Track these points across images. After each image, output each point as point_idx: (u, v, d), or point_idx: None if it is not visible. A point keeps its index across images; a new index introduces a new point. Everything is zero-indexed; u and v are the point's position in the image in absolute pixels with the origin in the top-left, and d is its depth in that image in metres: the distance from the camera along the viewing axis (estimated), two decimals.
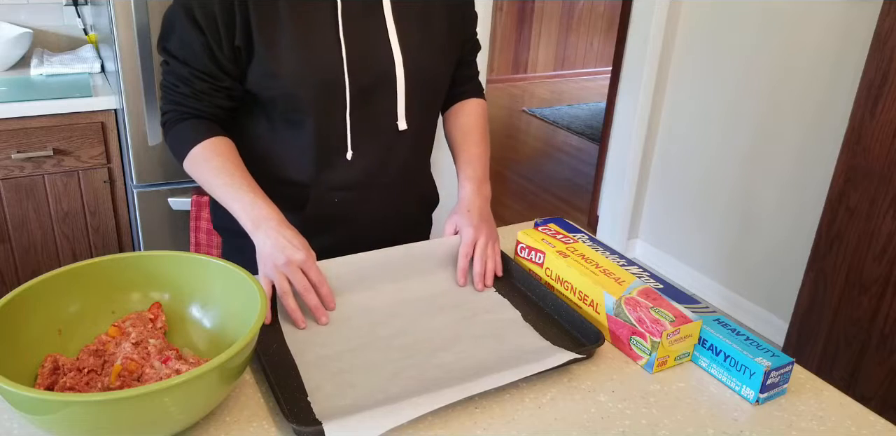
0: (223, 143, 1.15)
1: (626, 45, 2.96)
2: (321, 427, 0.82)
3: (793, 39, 2.43)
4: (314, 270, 1.05)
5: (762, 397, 0.94)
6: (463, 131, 1.33)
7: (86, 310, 0.95)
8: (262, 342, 0.99)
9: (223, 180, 1.11)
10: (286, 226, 1.07)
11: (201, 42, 1.10)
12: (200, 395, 0.79)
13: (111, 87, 2.06)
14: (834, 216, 1.97)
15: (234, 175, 1.11)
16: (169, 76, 1.15)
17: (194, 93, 1.14)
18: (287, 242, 1.05)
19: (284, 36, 1.10)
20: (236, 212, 1.10)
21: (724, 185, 2.76)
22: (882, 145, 1.82)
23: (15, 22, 2.33)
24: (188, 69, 1.12)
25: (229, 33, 1.09)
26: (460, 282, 1.17)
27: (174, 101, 1.16)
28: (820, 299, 2.05)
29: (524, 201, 3.84)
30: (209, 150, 1.13)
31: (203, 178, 1.14)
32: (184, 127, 1.15)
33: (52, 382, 0.85)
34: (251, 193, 1.09)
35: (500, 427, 0.88)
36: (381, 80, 1.16)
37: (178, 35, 1.11)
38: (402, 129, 1.21)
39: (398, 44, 1.16)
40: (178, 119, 1.16)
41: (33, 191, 2.03)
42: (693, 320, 0.99)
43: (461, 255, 1.18)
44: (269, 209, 1.08)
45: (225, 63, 1.12)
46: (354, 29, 1.13)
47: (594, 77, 6.35)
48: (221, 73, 1.13)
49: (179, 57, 1.12)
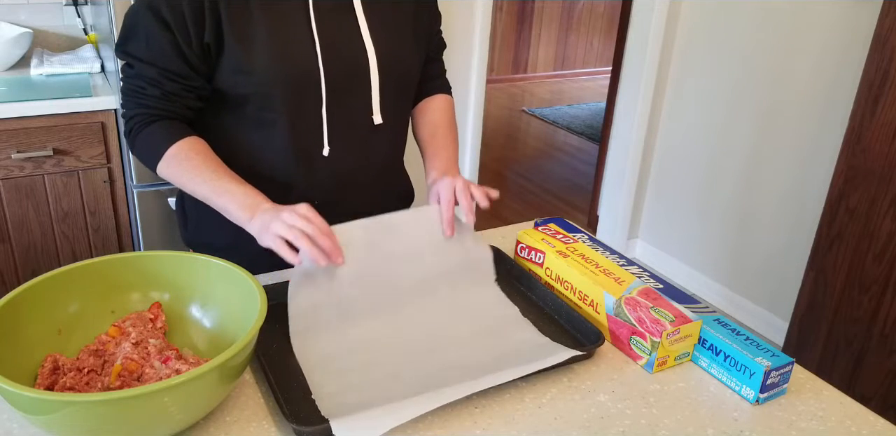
0: (199, 142, 1.13)
1: (626, 45, 2.96)
2: (321, 427, 0.83)
3: (793, 39, 2.43)
4: (318, 218, 1.00)
5: (762, 397, 0.94)
6: (431, 128, 1.31)
7: (85, 310, 0.95)
8: (262, 342, 0.99)
9: (207, 176, 1.08)
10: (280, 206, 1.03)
11: (170, 40, 1.08)
12: (200, 395, 0.79)
13: (111, 87, 2.06)
14: (834, 216, 1.97)
15: (216, 171, 1.08)
16: (133, 80, 1.12)
17: (164, 94, 1.11)
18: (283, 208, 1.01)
19: (257, 32, 1.09)
20: (225, 206, 1.06)
21: (724, 185, 2.76)
22: (882, 145, 1.82)
23: (15, 22, 2.33)
24: (156, 70, 1.09)
25: (198, 31, 1.08)
26: (447, 233, 1.12)
27: (141, 104, 1.12)
28: (820, 299, 2.05)
29: (524, 201, 3.84)
30: (186, 149, 1.10)
31: (182, 178, 1.10)
32: (154, 129, 1.12)
33: (52, 382, 0.85)
34: (241, 185, 1.06)
35: (500, 427, 0.88)
36: (355, 74, 1.16)
37: (143, 36, 1.09)
38: (377, 123, 1.21)
39: (370, 37, 1.16)
40: (147, 122, 1.12)
41: (33, 191, 2.03)
42: (693, 320, 0.99)
43: (444, 201, 1.13)
44: (261, 197, 1.05)
45: (195, 61, 1.10)
46: (326, 24, 1.13)
47: (594, 77, 6.35)
48: (192, 72, 1.11)
49: (145, 58, 1.09)
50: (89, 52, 2.32)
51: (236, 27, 1.09)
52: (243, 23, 1.09)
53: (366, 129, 1.21)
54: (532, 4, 5.83)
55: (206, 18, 1.07)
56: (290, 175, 1.19)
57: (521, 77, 6.12)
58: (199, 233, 1.28)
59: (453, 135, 1.31)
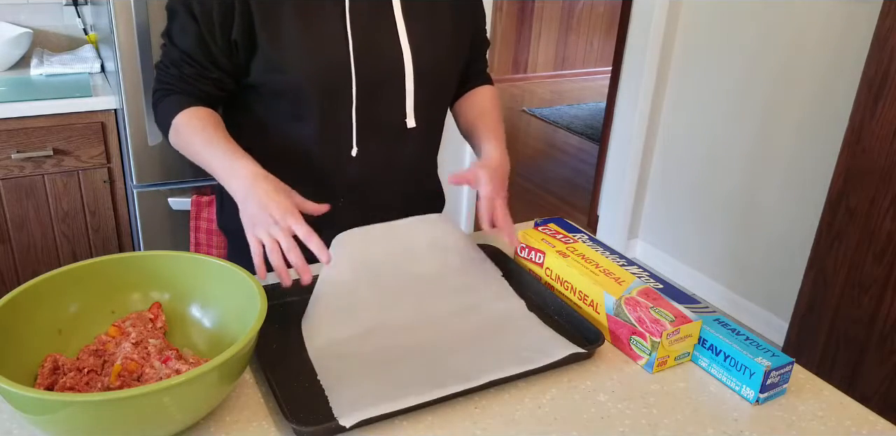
0: (205, 111, 1.15)
1: (626, 45, 2.96)
2: (321, 427, 0.83)
3: (793, 39, 2.43)
4: (301, 226, 0.98)
5: (762, 397, 0.94)
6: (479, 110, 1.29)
7: (86, 310, 0.95)
8: (261, 342, 0.99)
9: (201, 138, 1.10)
10: (264, 178, 1.02)
11: (195, 32, 1.11)
12: (200, 395, 0.79)
13: (111, 87, 2.06)
14: (834, 216, 1.97)
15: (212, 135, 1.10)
16: (163, 57, 1.17)
17: (181, 76, 1.15)
18: (269, 199, 0.99)
19: (290, 31, 1.10)
20: (214, 169, 1.08)
21: (724, 184, 2.76)
22: (882, 145, 1.82)
23: (15, 22, 2.33)
24: (178, 52, 1.14)
25: (225, 28, 1.10)
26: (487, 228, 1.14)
27: (163, 80, 1.17)
28: (820, 299, 2.05)
29: (524, 201, 3.84)
30: (189, 116, 1.13)
31: (185, 143, 1.13)
32: (169, 100, 1.16)
33: (52, 382, 0.85)
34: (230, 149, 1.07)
35: (500, 427, 0.88)
36: (389, 76, 1.16)
37: (176, 21, 1.14)
38: (410, 126, 1.20)
39: (407, 39, 1.15)
40: (164, 95, 1.17)
41: (33, 191, 2.03)
42: (693, 320, 0.99)
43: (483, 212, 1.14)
44: (246, 160, 1.05)
45: (218, 56, 1.13)
46: (362, 23, 1.12)
47: (594, 77, 6.34)
48: (211, 65, 1.14)
49: (175, 41, 1.14)
50: (89, 52, 2.32)
51: (268, 26, 1.10)
52: (275, 22, 1.10)
53: (398, 131, 1.20)
54: (532, 4, 5.83)
55: (235, 17, 1.09)
56: (318, 172, 1.20)
57: (521, 77, 6.12)
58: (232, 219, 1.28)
59: (501, 122, 1.29)
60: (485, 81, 1.36)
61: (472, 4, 1.27)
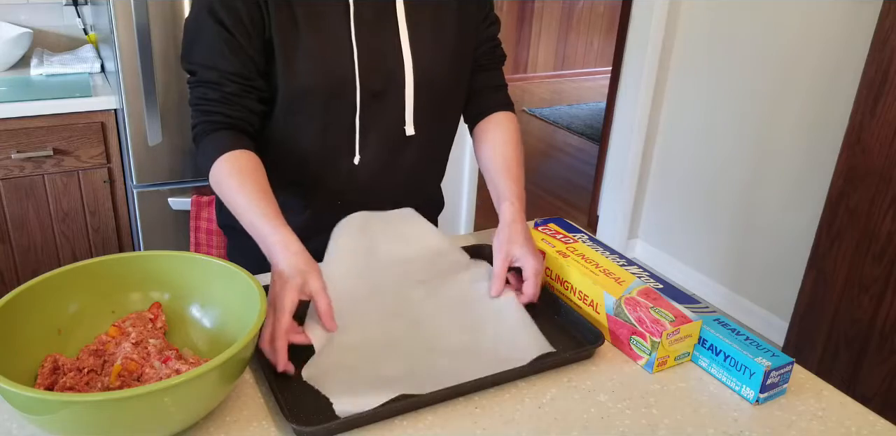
0: (244, 157, 1.08)
1: (626, 45, 2.96)
2: (321, 427, 0.83)
3: (793, 39, 2.43)
4: (323, 298, 0.97)
5: (762, 396, 0.94)
6: (502, 165, 1.23)
7: (86, 310, 0.95)
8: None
9: (244, 200, 1.04)
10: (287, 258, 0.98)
11: (228, 41, 1.08)
12: (200, 395, 0.79)
13: (111, 87, 2.06)
14: (834, 216, 1.97)
15: (250, 193, 1.04)
16: (197, 88, 1.12)
17: (224, 97, 1.10)
18: (278, 291, 0.95)
19: (299, 39, 1.10)
20: (256, 237, 1.02)
21: (725, 184, 2.76)
22: (882, 145, 1.82)
23: (15, 22, 2.33)
24: (216, 72, 1.09)
25: (258, 28, 1.09)
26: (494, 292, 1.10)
27: (203, 110, 1.11)
28: (820, 299, 2.05)
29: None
30: (228, 165, 1.07)
31: (224, 197, 1.08)
32: (209, 140, 1.10)
33: (52, 382, 0.85)
34: (267, 214, 1.02)
35: (500, 427, 0.88)
36: (390, 85, 1.16)
37: (203, 41, 1.09)
38: (409, 134, 1.21)
39: (409, 49, 1.15)
40: (207, 131, 1.11)
41: (33, 191, 2.03)
42: (693, 320, 0.99)
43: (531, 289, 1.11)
44: (281, 231, 1.00)
45: (256, 59, 1.10)
46: (367, 33, 1.13)
47: (594, 77, 6.35)
48: (251, 73, 1.11)
49: (206, 63, 1.10)
50: (89, 52, 2.32)
51: (282, 34, 1.09)
52: (288, 30, 1.09)
53: (397, 138, 1.21)
54: (532, 4, 5.83)
55: (263, 17, 1.08)
56: (318, 176, 1.20)
57: (521, 77, 6.12)
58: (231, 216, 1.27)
59: (522, 173, 1.24)
60: (502, 103, 1.32)
61: (481, 13, 1.25)
